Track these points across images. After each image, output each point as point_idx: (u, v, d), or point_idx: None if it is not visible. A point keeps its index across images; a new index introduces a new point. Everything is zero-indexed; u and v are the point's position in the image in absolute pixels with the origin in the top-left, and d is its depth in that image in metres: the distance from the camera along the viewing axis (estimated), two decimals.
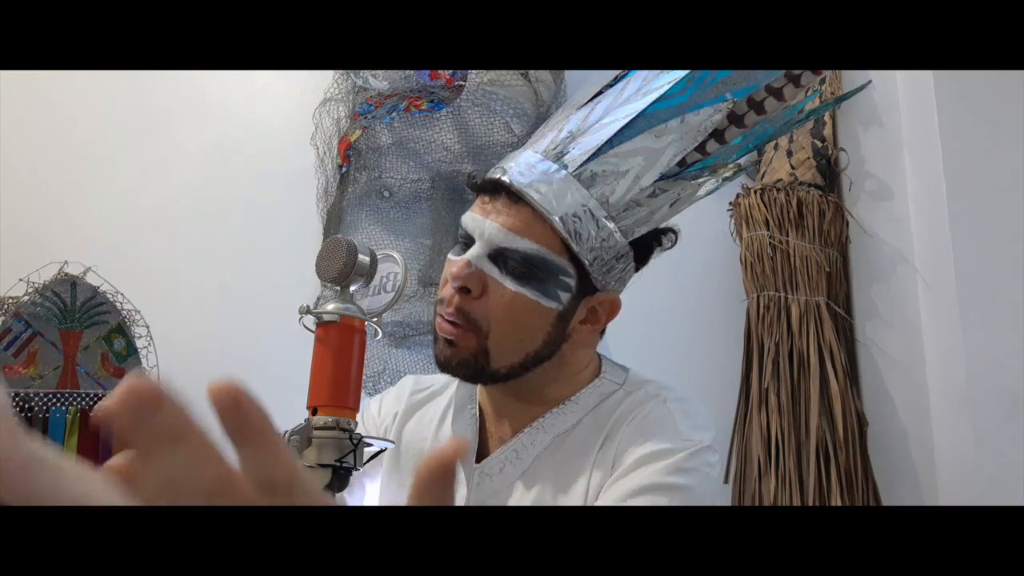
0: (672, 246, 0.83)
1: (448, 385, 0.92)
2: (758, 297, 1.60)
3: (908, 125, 1.67)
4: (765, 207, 1.63)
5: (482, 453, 0.84)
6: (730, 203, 1.71)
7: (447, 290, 0.78)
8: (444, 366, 0.79)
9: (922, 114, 1.60)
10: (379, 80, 1.77)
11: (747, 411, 1.55)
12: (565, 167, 0.75)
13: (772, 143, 1.72)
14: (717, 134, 0.77)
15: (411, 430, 0.88)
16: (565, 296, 0.77)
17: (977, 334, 1.44)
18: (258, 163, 1.95)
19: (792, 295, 1.58)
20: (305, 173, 1.85)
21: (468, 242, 0.78)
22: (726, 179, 0.80)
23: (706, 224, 1.75)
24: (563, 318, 0.79)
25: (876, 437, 1.55)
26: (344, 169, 1.83)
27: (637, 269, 0.84)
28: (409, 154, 1.80)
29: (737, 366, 1.62)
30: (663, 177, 0.76)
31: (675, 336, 1.71)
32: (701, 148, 0.76)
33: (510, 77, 1.76)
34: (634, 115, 0.75)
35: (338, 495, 0.64)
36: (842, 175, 1.68)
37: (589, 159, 0.75)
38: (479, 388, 0.88)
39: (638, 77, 0.79)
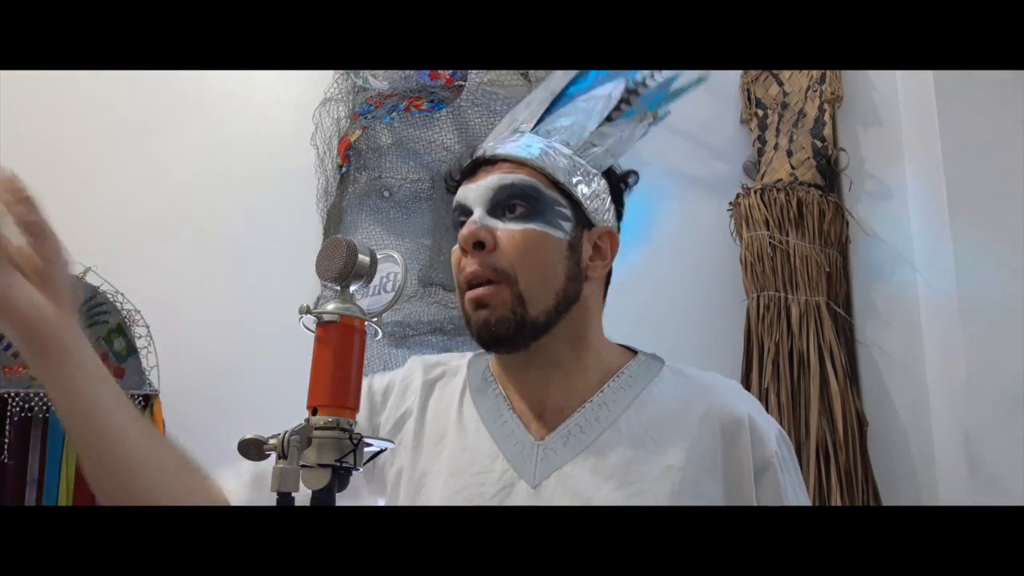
0: (636, 184, 0.93)
1: (460, 366, 0.92)
2: (758, 297, 1.60)
3: (908, 125, 1.67)
4: (765, 207, 1.63)
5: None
6: (730, 203, 1.71)
7: (463, 259, 0.82)
8: (483, 331, 0.80)
9: (922, 114, 1.60)
10: (379, 80, 1.77)
11: None
12: (522, 132, 0.88)
13: (772, 144, 1.72)
14: (624, 101, 0.90)
15: (431, 413, 0.88)
16: (567, 225, 0.83)
17: (977, 334, 1.44)
18: (258, 163, 1.95)
19: (792, 295, 1.58)
20: (305, 173, 1.85)
21: (465, 216, 0.84)
22: (650, 124, 0.91)
23: (706, 224, 1.75)
24: (574, 250, 0.84)
25: (876, 437, 1.56)
26: (344, 169, 1.83)
27: (619, 214, 0.92)
28: (409, 154, 1.80)
29: (737, 366, 1.62)
30: (600, 125, 0.88)
31: (675, 336, 1.71)
32: (617, 108, 0.90)
33: (510, 77, 1.76)
34: (557, 93, 0.90)
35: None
36: (842, 175, 1.68)
37: (539, 122, 0.89)
38: (495, 369, 0.88)
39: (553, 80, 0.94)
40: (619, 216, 0.92)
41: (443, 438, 0.85)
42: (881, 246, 1.65)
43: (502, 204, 0.82)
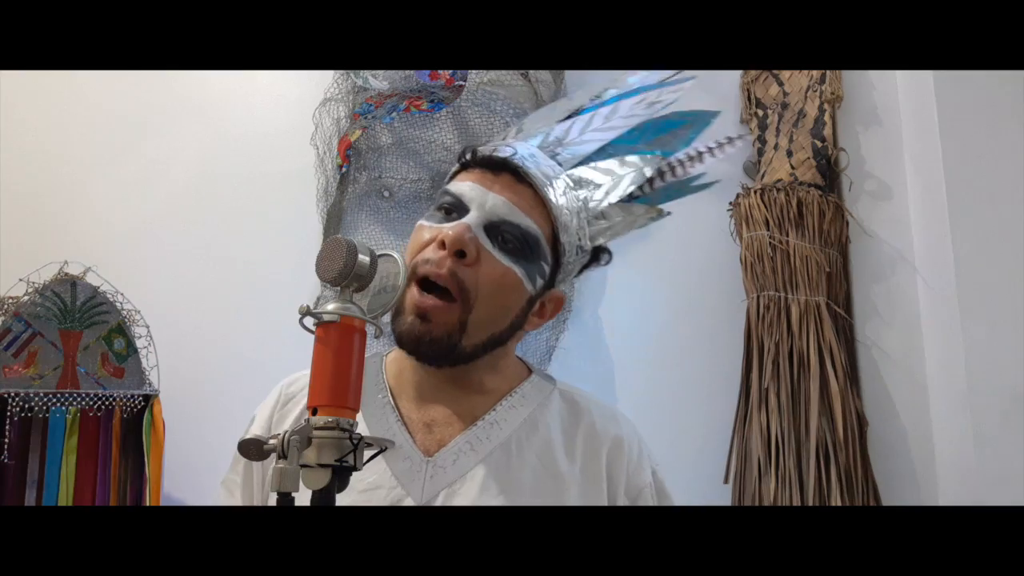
0: (607, 264, 0.90)
1: None
2: (758, 297, 1.60)
3: (908, 125, 1.67)
4: (765, 207, 1.63)
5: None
6: (730, 203, 1.71)
7: (436, 253, 0.76)
8: (411, 342, 0.77)
9: (922, 114, 1.60)
10: (379, 80, 1.77)
11: (747, 411, 1.56)
12: (562, 165, 0.84)
13: (772, 144, 1.72)
14: (650, 181, 0.88)
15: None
16: (540, 283, 0.81)
17: (977, 334, 1.44)
18: (258, 163, 1.95)
19: (792, 295, 1.58)
20: (305, 173, 1.85)
21: (455, 210, 0.79)
22: (651, 219, 0.88)
23: (706, 224, 1.75)
24: (531, 304, 0.82)
25: (876, 437, 1.55)
26: (344, 169, 1.83)
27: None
28: (409, 154, 1.80)
29: (737, 366, 1.62)
30: (621, 200, 0.85)
31: (675, 336, 1.71)
32: (641, 188, 0.88)
33: (510, 77, 1.76)
34: (603, 143, 0.87)
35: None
36: (842, 175, 1.68)
37: (577, 165, 0.85)
38: (386, 374, 0.87)
39: (600, 114, 0.90)
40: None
41: None
42: (881, 246, 1.65)
43: (500, 232, 0.78)
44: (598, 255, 0.89)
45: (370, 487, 0.78)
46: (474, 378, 0.84)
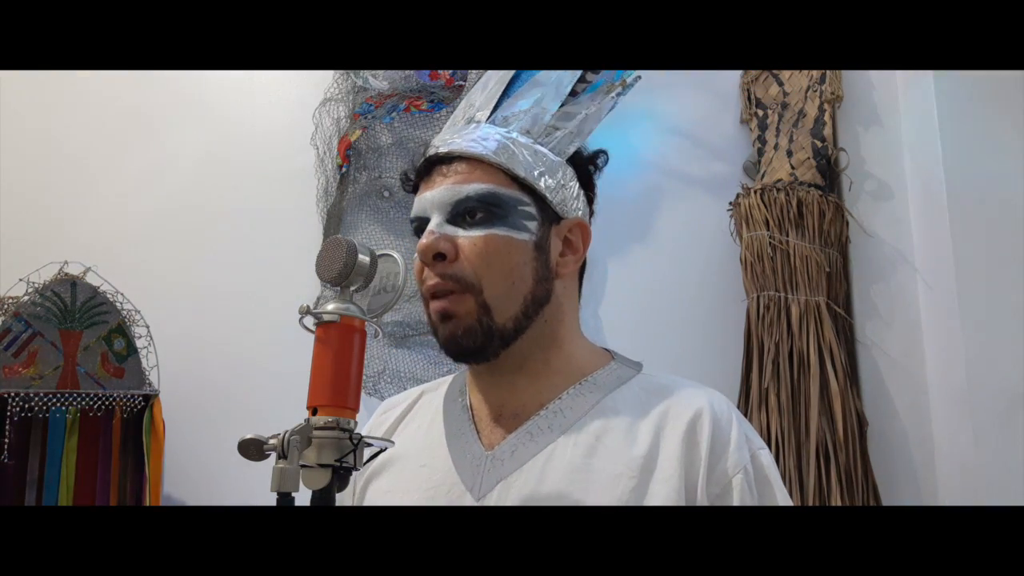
0: (605, 165, 0.88)
1: (442, 382, 0.91)
2: (758, 297, 1.60)
3: (908, 125, 1.67)
4: (765, 207, 1.63)
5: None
6: (730, 203, 1.71)
7: (425, 271, 0.79)
8: (450, 344, 0.77)
9: (922, 114, 1.60)
10: (379, 80, 1.77)
11: (747, 411, 1.56)
12: (478, 122, 0.83)
13: (772, 144, 1.72)
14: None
15: (405, 436, 0.87)
16: (532, 224, 0.79)
17: (977, 334, 1.44)
18: (258, 164, 1.95)
19: (792, 295, 1.58)
20: (305, 173, 1.85)
21: (424, 225, 0.81)
22: (619, 94, 0.85)
23: (706, 224, 1.75)
24: (541, 249, 0.80)
25: (876, 437, 1.56)
26: (344, 169, 1.83)
27: (590, 199, 0.87)
28: (409, 154, 1.80)
29: (737, 366, 1.62)
30: (563, 104, 0.83)
31: (675, 336, 1.71)
32: (583, 80, 0.85)
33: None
34: (513, 73, 0.85)
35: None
36: (842, 175, 1.68)
37: (495, 109, 0.83)
38: (469, 380, 0.86)
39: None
40: (590, 200, 0.87)
41: (407, 457, 0.83)
42: (881, 246, 1.65)
43: (461, 213, 0.78)
44: (592, 160, 0.86)
45: (436, 485, 0.78)
46: (533, 357, 0.81)
